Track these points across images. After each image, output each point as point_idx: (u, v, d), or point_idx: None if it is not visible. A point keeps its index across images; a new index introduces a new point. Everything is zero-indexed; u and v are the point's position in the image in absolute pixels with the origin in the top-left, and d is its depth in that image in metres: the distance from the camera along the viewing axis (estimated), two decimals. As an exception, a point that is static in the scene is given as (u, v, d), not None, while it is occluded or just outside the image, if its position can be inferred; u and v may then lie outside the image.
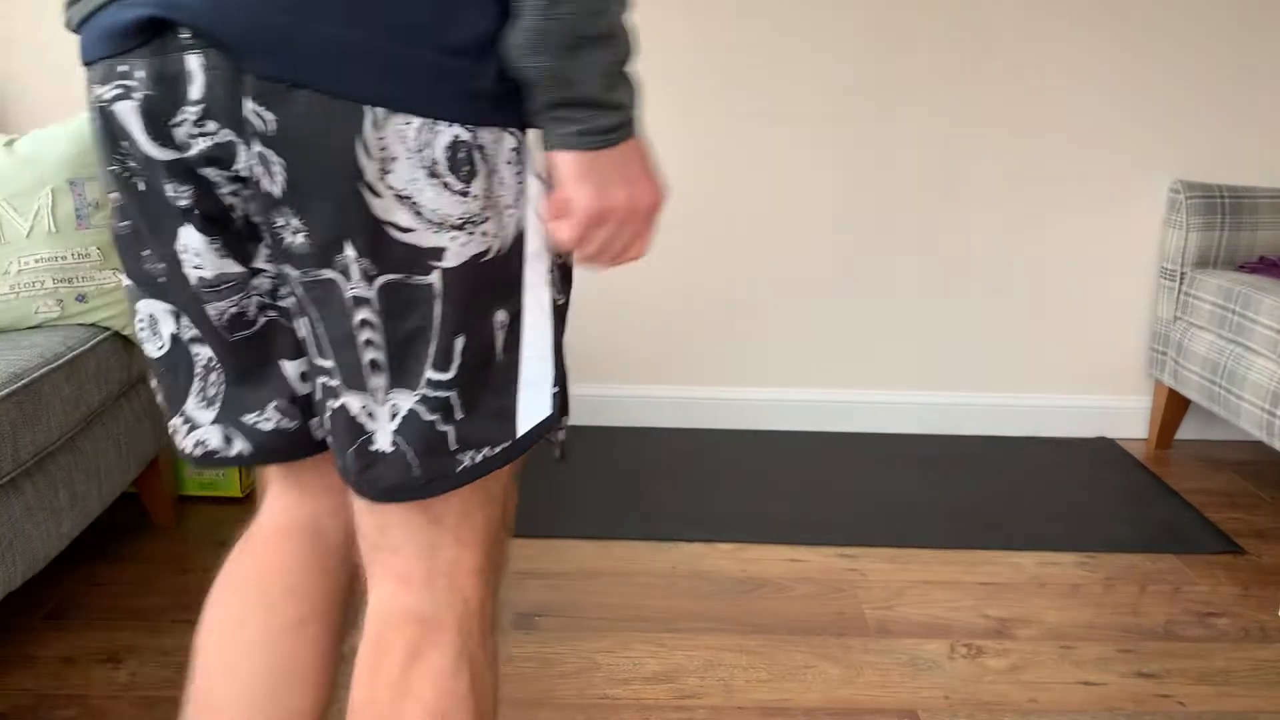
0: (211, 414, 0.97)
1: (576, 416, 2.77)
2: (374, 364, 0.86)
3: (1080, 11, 2.57)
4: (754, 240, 2.68)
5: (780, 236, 2.68)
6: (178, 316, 0.94)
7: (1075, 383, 2.80)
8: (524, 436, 0.90)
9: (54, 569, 1.99)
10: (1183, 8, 2.58)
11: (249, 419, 0.97)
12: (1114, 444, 2.75)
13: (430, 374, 0.86)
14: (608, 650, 1.78)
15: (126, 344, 1.90)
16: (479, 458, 0.89)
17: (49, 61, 2.55)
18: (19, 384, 1.57)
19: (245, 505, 2.28)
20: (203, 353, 0.95)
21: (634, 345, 2.49)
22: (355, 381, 0.87)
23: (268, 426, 0.98)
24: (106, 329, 1.85)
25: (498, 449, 0.89)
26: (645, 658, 1.76)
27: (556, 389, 0.91)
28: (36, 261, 1.78)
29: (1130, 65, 2.60)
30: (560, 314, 0.92)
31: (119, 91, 0.83)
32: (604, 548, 2.13)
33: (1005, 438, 2.78)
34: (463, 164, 0.81)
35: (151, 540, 2.12)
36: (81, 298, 1.82)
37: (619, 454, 2.54)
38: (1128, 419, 2.81)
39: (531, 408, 0.90)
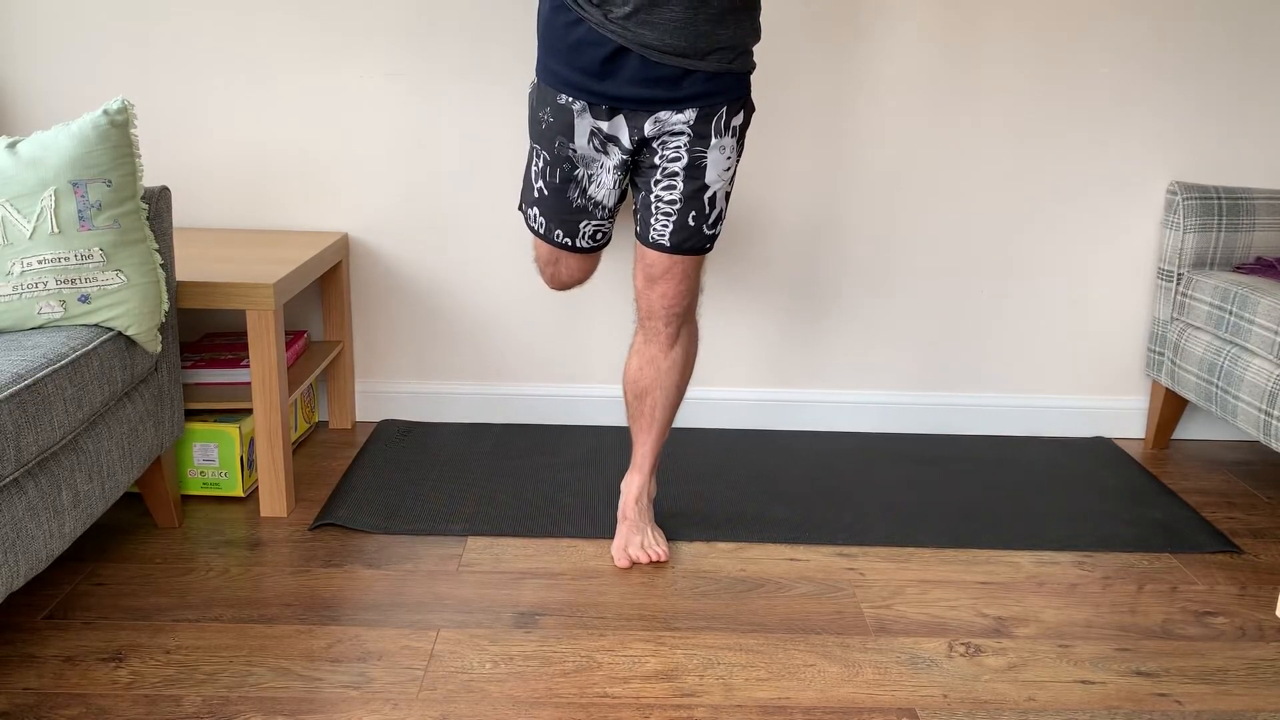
0: None
1: (576, 417, 2.78)
2: None
3: (1078, 13, 2.58)
4: (752, 241, 2.69)
5: (778, 237, 2.69)
6: None
7: (1073, 383, 2.81)
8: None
9: (56, 568, 2.00)
10: (1180, 9, 2.59)
11: None
12: (1111, 444, 2.76)
13: None
14: (607, 649, 1.79)
15: (129, 344, 1.90)
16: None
17: (51, 63, 2.56)
18: (22, 384, 1.58)
19: (247, 504, 2.28)
20: None
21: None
22: None
23: None
24: (109, 329, 1.86)
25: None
26: (645, 656, 1.77)
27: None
28: (39, 262, 1.78)
29: (1128, 67, 2.61)
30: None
31: None
32: (604, 547, 2.13)
33: (1003, 438, 2.79)
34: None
35: (154, 540, 2.12)
36: (84, 298, 1.82)
37: (619, 454, 2.54)
38: (1125, 419, 2.82)
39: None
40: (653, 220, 1.93)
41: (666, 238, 1.92)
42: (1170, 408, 2.73)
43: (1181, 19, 2.59)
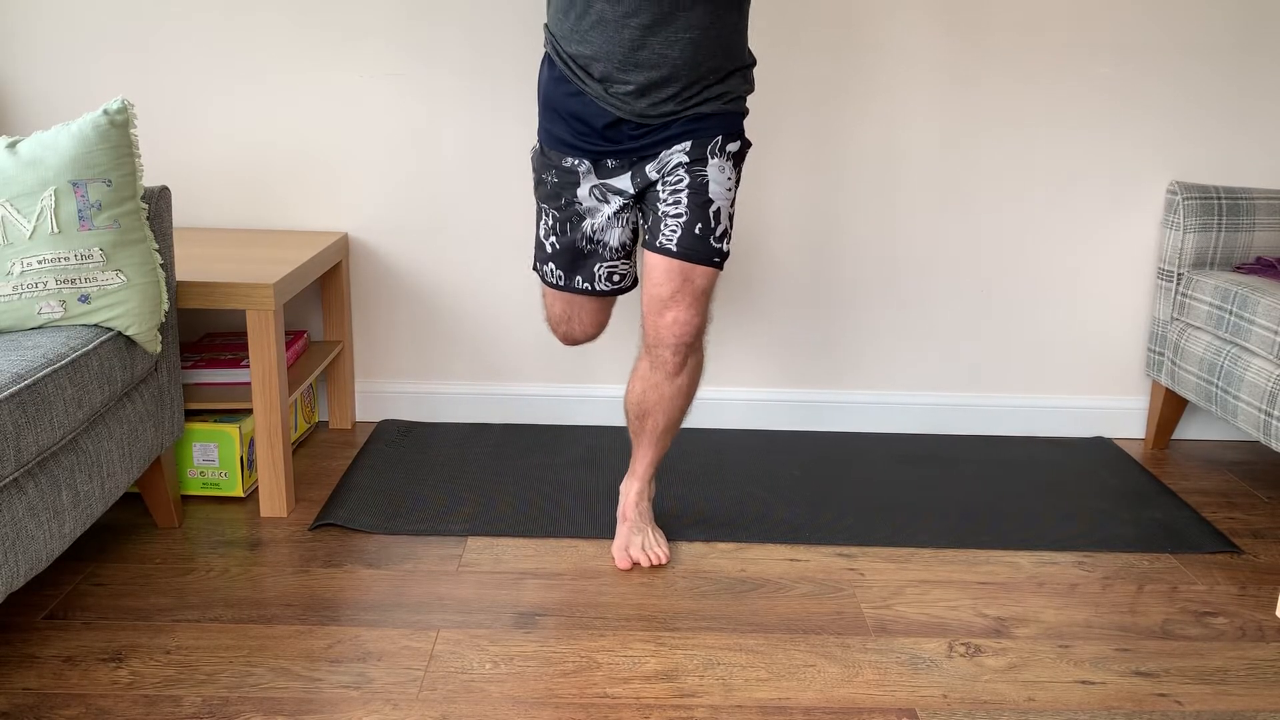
0: None
1: (578, 417, 2.77)
2: None
3: (1078, 14, 2.58)
4: (752, 241, 2.69)
5: (778, 238, 2.69)
6: None
7: (1073, 383, 2.81)
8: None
9: (56, 569, 2.00)
10: (1180, 10, 2.59)
11: None
12: (1111, 444, 2.76)
13: None
14: (607, 649, 1.79)
15: (129, 344, 1.90)
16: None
17: (51, 63, 2.56)
18: (22, 384, 1.58)
19: (247, 504, 2.28)
20: None
21: (632, 346, 2.50)
22: None
23: None
24: (109, 329, 1.86)
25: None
26: (645, 656, 1.77)
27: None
28: (39, 262, 1.78)
29: (1128, 67, 2.61)
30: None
31: None
32: (604, 547, 2.13)
33: (1003, 438, 2.79)
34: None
35: (153, 540, 2.12)
36: (84, 298, 1.82)
37: (619, 454, 2.55)
38: (1125, 419, 2.82)
39: None
40: (661, 228, 1.94)
41: (674, 242, 1.91)
42: (1170, 408, 2.73)
43: (1182, 19, 2.59)
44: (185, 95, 2.59)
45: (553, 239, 2.07)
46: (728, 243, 1.95)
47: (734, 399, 2.78)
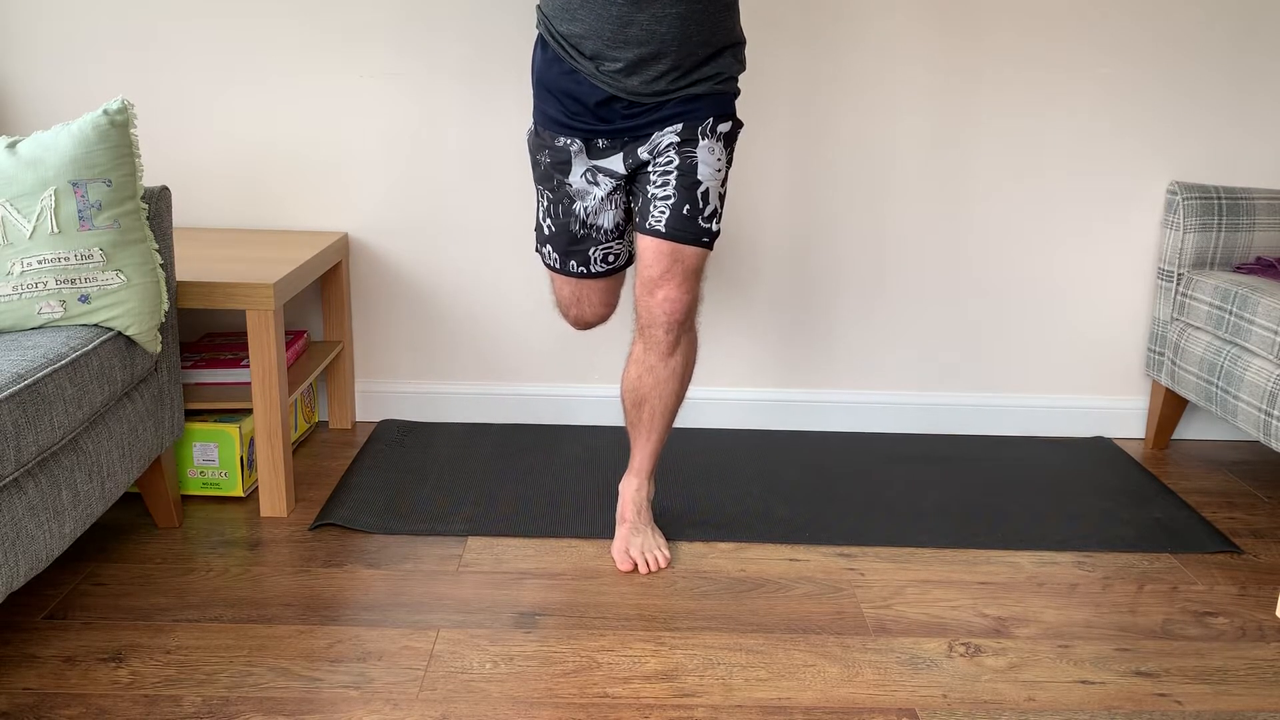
0: None
1: (578, 417, 2.78)
2: None
3: (1078, 14, 2.58)
4: (752, 240, 2.69)
5: (778, 237, 2.69)
6: None
7: (1073, 383, 2.81)
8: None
9: (56, 568, 2.00)
10: (1180, 9, 2.59)
11: None
12: (1112, 444, 2.76)
13: None
14: (608, 649, 1.79)
15: (129, 344, 1.90)
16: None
17: (51, 63, 2.56)
18: (22, 384, 1.58)
19: (247, 504, 2.28)
20: None
21: (633, 346, 2.51)
22: None
23: None
24: (109, 329, 1.86)
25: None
26: (645, 656, 1.77)
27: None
28: (39, 262, 1.78)
29: (1128, 67, 2.61)
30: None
31: None
32: (604, 547, 2.13)
33: (1003, 438, 2.78)
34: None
35: (153, 540, 2.12)
36: (84, 298, 1.82)
37: (619, 454, 2.55)
38: (1125, 419, 2.82)
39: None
40: (650, 210, 1.96)
41: (662, 224, 1.93)
42: (1170, 408, 2.73)
43: (1182, 19, 2.59)
44: (185, 95, 2.59)
45: (549, 221, 2.09)
46: (717, 223, 1.96)
47: (733, 399, 2.78)
